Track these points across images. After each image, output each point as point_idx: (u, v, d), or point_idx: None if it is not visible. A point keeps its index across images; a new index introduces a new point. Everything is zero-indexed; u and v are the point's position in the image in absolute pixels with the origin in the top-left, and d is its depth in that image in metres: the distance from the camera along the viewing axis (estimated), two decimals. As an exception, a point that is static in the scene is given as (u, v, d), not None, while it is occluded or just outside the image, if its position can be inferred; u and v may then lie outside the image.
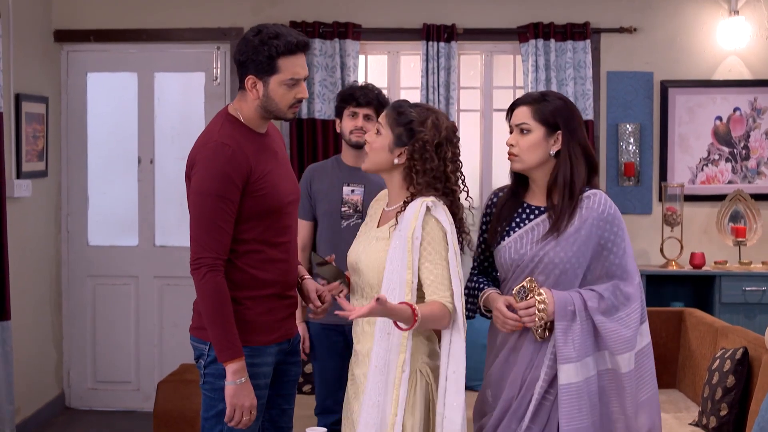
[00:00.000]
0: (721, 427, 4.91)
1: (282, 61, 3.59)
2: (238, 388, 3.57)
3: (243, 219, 3.61)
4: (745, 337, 5.12)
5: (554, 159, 3.60)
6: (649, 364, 3.64)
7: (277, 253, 3.70)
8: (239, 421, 3.60)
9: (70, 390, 7.58)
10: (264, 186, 3.62)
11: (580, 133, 3.60)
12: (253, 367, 3.63)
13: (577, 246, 3.51)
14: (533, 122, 3.62)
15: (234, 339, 3.56)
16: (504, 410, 3.62)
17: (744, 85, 7.32)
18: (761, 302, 6.89)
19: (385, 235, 3.59)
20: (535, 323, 3.51)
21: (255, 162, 3.61)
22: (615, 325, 3.47)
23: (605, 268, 3.53)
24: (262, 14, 7.31)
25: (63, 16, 7.38)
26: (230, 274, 3.61)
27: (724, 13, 7.28)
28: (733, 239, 7.20)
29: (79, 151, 7.51)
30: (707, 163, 7.36)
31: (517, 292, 3.53)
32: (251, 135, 3.69)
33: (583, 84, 7.16)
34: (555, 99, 3.65)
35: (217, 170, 3.55)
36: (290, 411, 3.96)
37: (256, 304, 3.67)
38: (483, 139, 7.46)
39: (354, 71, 7.19)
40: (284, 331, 3.78)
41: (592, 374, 3.50)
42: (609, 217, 3.53)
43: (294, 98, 3.65)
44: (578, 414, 3.47)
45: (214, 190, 3.54)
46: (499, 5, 7.34)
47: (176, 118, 7.57)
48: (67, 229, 7.52)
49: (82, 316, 7.54)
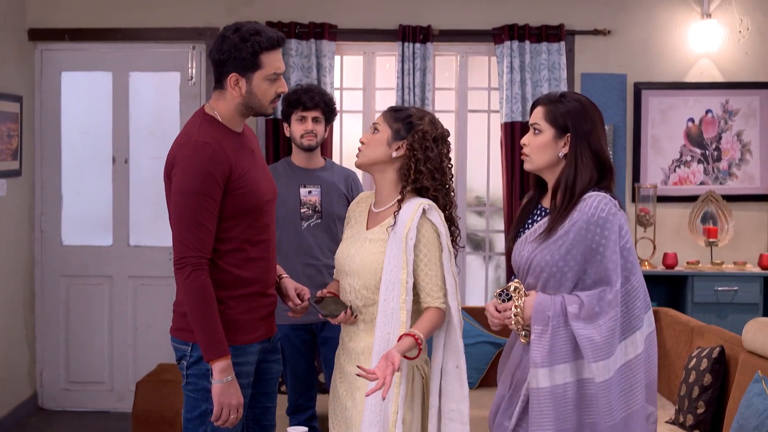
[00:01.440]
0: (698, 425, 4.96)
1: (264, 56, 3.63)
2: (225, 386, 3.57)
3: (224, 218, 3.62)
4: (721, 336, 5.18)
5: (564, 161, 3.56)
6: (638, 377, 3.49)
7: (258, 252, 3.72)
8: (226, 420, 3.60)
9: (43, 390, 7.53)
10: (244, 184, 3.64)
11: (594, 136, 3.52)
12: (237, 366, 3.64)
13: (565, 249, 3.44)
14: (544, 123, 3.56)
15: (220, 338, 3.57)
16: (497, 406, 3.66)
17: (716, 88, 7.40)
18: (733, 302, 6.97)
19: (380, 236, 3.63)
20: (512, 326, 3.53)
21: (235, 160, 3.63)
22: (591, 331, 3.39)
23: (599, 273, 3.43)
24: (238, 14, 7.31)
25: (37, 15, 7.34)
26: (212, 274, 3.62)
27: (697, 16, 7.36)
28: (705, 240, 7.29)
29: (53, 150, 7.48)
30: (680, 164, 7.44)
31: (498, 294, 3.53)
32: (229, 134, 3.70)
33: (557, 85, 7.21)
34: (571, 101, 3.57)
35: (198, 169, 3.56)
36: (273, 409, 3.97)
37: (239, 303, 3.67)
38: (458, 140, 7.49)
39: (330, 72, 7.20)
40: (266, 329, 3.79)
41: (569, 381, 3.42)
42: (600, 221, 3.42)
43: (275, 93, 3.69)
44: (542, 420, 3.42)
45: (196, 188, 3.55)
46: (475, 7, 7.38)
47: (151, 117, 7.54)
48: (41, 228, 7.48)
49: (55, 316, 7.49)
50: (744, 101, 7.41)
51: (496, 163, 7.43)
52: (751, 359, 4.70)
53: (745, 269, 7.15)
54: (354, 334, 3.68)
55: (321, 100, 5.25)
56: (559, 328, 3.42)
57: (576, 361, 3.43)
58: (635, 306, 3.47)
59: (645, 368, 3.48)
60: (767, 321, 4.73)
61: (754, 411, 4.23)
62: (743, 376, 4.69)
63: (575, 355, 3.43)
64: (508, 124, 7.18)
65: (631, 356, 3.45)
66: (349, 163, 7.20)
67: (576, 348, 3.42)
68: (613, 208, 3.46)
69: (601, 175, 3.53)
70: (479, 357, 6.23)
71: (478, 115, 7.59)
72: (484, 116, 7.59)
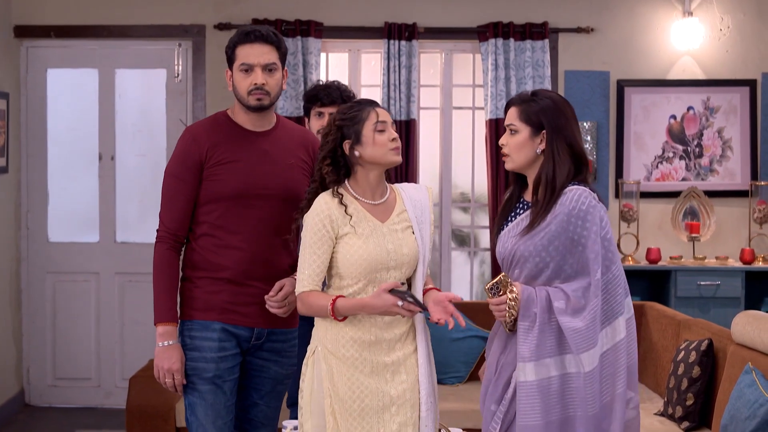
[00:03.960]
0: (687, 416, 5.05)
1: (239, 49, 3.89)
2: (160, 350, 3.87)
3: (201, 202, 3.91)
4: (709, 329, 5.27)
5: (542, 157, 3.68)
6: (621, 361, 3.58)
7: (236, 242, 3.89)
8: (164, 382, 3.89)
9: (30, 387, 7.54)
10: (220, 172, 3.87)
11: (568, 130, 3.65)
12: (196, 339, 3.90)
13: (547, 240, 3.56)
14: (519, 123, 3.68)
15: (166, 305, 3.89)
16: (485, 390, 3.76)
17: (697, 85, 7.50)
18: (715, 296, 7.07)
19: (405, 224, 3.75)
20: (505, 318, 3.61)
21: (216, 150, 3.88)
22: (577, 323, 3.50)
23: (580, 263, 3.56)
24: (225, 12, 7.34)
25: (23, 12, 7.34)
26: (188, 255, 3.97)
27: (678, 14, 7.45)
28: (688, 235, 7.39)
29: (39, 147, 7.48)
30: (662, 160, 7.53)
31: (489, 288, 3.61)
32: (234, 129, 3.95)
33: (541, 83, 7.28)
34: (543, 98, 3.69)
35: (176, 153, 3.95)
36: (263, 407, 4.09)
37: (206, 284, 3.92)
38: (443, 137, 7.55)
39: (316, 69, 7.24)
40: (237, 316, 3.92)
41: (553, 375, 3.54)
42: (580, 213, 3.53)
43: (250, 84, 3.87)
44: (531, 411, 3.53)
45: (169, 170, 3.94)
46: (460, 5, 7.44)
47: (137, 114, 7.56)
48: (27, 225, 7.48)
49: (41, 313, 7.50)
50: (725, 98, 7.51)
51: (481, 159, 7.51)
52: (740, 351, 4.79)
53: (727, 264, 7.25)
54: (390, 323, 3.70)
55: (338, 96, 5.26)
56: (545, 324, 3.55)
57: (561, 356, 3.55)
58: (617, 293, 3.59)
59: (626, 352, 3.60)
60: (755, 314, 4.82)
61: (745, 401, 4.32)
62: (732, 368, 4.78)
63: (560, 350, 3.55)
64: (492, 121, 7.25)
65: (616, 340, 3.58)
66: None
67: (560, 343, 3.55)
68: (593, 201, 3.58)
69: (578, 169, 3.65)
70: (468, 351, 6.30)
71: (463, 112, 7.66)
72: (468, 113, 7.66)
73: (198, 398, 3.89)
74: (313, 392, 3.72)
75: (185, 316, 3.94)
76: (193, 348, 3.89)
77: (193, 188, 3.88)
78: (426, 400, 3.70)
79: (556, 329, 3.54)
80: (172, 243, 3.90)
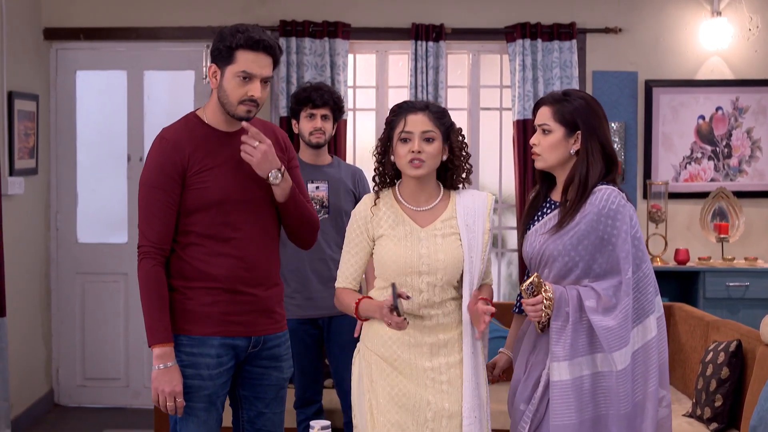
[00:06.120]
0: (716, 418, 5.03)
1: (240, 53, 3.65)
2: (159, 372, 3.66)
3: (186, 212, 3.72)
4: (738, 330, 5.24)
5: (575, 157, 3.68)
6: (652, 360, 3.61)
7: (227, 249, 3.75)
8: (164, 406, 3.69)
9: (59, 387, 7.59)
10: (204, 180, 3.70)
11: (601, 130, 3.66)
12: (193, 356, 3.73)
13: (576, 239, 3.57)
14: (553, 123, 3.68)
15: (160, 325, 3.67)
16: (513, 390, 3.78)
17: (726, 85, 7.46)
18: (744, 297, 7.03)
19: (450, 230, 3.71)
20: (540, 318, 3.60)
21: (196, 156, 3.70)
22: (609, 322, 3.51)
23: (610, 263, 3.57)
24: (252, 13, 7.36)
25: (52, 15, 7.40)
26: (175, 265, 3.75)
27: (707, 14, 7.42)
28: (716, 236, 7.35)
29: (69, 148, 7.53)
30: (690, 161, 7.50)
31: (526, 288, 3.61)
32: (208, 132, 3.76)
33: (569, 83, 7.27)
34: (576, 98, 3.69)
35: (151, 162, 3.73)
36: (270, 415, 3.97)
37: (198, 295, 3.74)
38: (470, 137, 7.55)
39: (343, 70, 7.26)
40: (236, 327, 3.79)
41: (586, 374, 3.56)
42: (610, 212, 3.55)
43: (245, 94, 3.67)
44: (566, 411, 3.55)
45: (147, 180, 3.72)
46: (487, 5, 7.44)
47: (165, 116, 7.55)
48: (56, 226, 7.53)
49: (71, 314, 7.55)
50: (754, 98, 7.47)
51: (509, 160, 7.50)
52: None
53: (756, 265, 7.21)
54: (433, 328, 3.70)
55: (330, 98, 5.34)
56: (577, 323, 3.56)
57: (592, 354, 3.57)
58: (648, 291, 3.62)
59: (657, 350, 3.62)
60: (785, 315, 4.80)
61: (774, 403, 4.30)
62: (762, 369, 4.75)
63: (591, 349, 3.57)
64: (520, 122, 7.24)
65: (647, 338, 3.61)
66: (361, 161, 7.27)
67: (592, 342, 3.56)
68: (622, 200, 3.61)
69: (608, 169, 3.67)
70: (494, 352, 6.24)
71: (491, 112, 7.65)
72: (496, 114, 7.65)
73: (190, 416, 3.75)
74: (358, 389, 3.75)
75: (179, 331, 3.74)
76: (189, 365, 3.73)
77: (175, 198, 3.70)
78: (469, 414, 3.64)
79: (588, 328, 3.55)
80: (158, 258, 3.69)
